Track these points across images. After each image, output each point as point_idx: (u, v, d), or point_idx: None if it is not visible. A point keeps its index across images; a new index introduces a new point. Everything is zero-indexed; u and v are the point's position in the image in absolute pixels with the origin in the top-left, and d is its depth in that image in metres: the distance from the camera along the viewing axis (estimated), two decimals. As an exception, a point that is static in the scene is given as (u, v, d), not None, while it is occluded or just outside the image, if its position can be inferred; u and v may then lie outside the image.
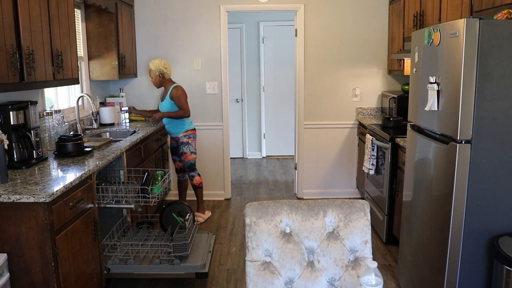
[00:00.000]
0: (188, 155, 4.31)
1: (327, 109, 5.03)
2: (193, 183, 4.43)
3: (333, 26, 4.89)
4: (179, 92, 4.23)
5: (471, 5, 2.88)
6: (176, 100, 4.22)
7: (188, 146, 4.30)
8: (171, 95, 4.21)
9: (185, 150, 4.30)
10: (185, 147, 4.30)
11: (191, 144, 4.32)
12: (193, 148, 4.33)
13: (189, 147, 4.31)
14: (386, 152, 3.76)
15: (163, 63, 4.22)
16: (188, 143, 4.30)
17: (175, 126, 4.30)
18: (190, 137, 4.32)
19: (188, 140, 4.30)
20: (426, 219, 2.64)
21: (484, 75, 2.16)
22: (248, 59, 7.17)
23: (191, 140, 4.33)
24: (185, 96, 4.25)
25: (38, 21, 2.72)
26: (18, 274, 2.21)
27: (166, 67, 4.24)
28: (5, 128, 2.66)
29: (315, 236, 1.72)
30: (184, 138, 4.29)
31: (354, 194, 5.13)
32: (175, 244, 3.00)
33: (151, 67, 4.24)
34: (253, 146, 7.47)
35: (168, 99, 4.22)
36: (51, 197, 2.16)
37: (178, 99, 4.22)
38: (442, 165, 2.41)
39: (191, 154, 4.33)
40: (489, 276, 2.31)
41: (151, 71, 4.24)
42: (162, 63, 4.22)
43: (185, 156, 4.32)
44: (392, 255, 3.65)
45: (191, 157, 4.34)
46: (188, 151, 4.30)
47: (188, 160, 4.33)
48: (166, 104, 4.26)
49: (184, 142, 4.29)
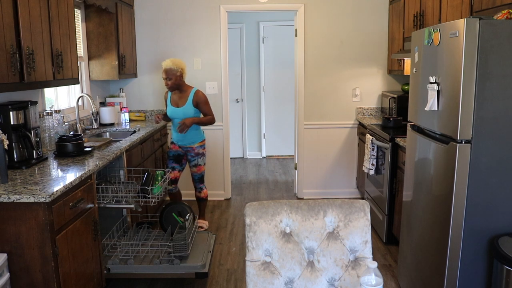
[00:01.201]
0: (202, 166, 4.08)
1: (327, 109, 5.03)
2: (201, 196, 4.18)
3: (333, 26, 4.89)
4: (204, 97, 3.92)
5: (471, 5, 2.88)
6: (203, 105, 3.90)
7: (203, 157, 4.06)
8: (195, 100, 3.87)
9: (199, 161, 4.04)
10: (200, 158, 4.04)
11: (205, 155, 4.11)
12: (205, 159, 4.15)
13: (204, 158, 4.08)
14: (386, 152, 3.76)
15: (182, 63, 3.87)
16: (203, 154, 4.07)
17: (194, 135, 3.98)
18: (204, 148, 4.09)
19: (203, 151, 4.07)
20: (426, 219, 2.64)
21: (484, 75, 2.16)
22: (248, 59, 7.17)
23: (205, 151, 4.11)
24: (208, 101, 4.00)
25: (38, 21, 2.72)
26: (18, 274, 2.21)
27: (185, 67, 3.91)
28: (5, 128, 2.66)
29: (315, 236, 1.72)
30: (200, 149, 4.03)
31: (354, 194, 5.13)
32: (175, 244, 3.00)
33: (170, 65, 3.79)
34: (253, 146, 7.47)
35: (191, 104, 3.88)
36: (51, 197, 2.16)
37: (204, 104, 3.91)
38: (442, 165, 2.41)
39: (204, 165, 4.12)
40: (489, 276, 2.31)
41: (170, 70, 3.79)
42: (183, 62, 3.88)
43: (198, 168, 4.06)
44: (392, 255, 3.65)
45: (204, 168, 4.12)
46: (202, 163, 4.07)
47: (201, 172, 4.09)
48: (187, 110, 3.89)
49: (200, 153, 4.03)
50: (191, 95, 3.87)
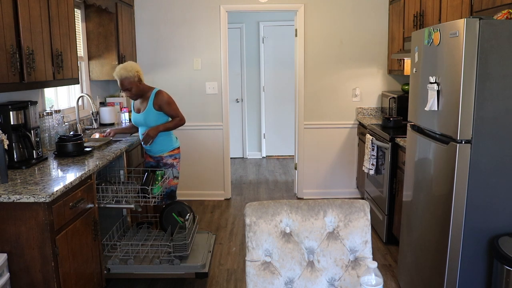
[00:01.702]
0: (170, 180, 3.47)
1: (327, 109, 5.03)
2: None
3: (333, 26, 4.89)
4: (167, 97, 3.40)
5: (471, 5, 2.88)
6: (166, 107, 3.37)
7: (172, 169, 3.47)
8: (156, 103, 3.36)
9: (168, 174, 3.41)
10: (169, 170, 3.45)
11: (175, 166, 3.50)
12: (176, 172, 3.51)
13: (173, 171, 3.48)
14: (386, 152, 3.76)
15: (134, 64, 3.35)
16: (172, 165, 3.48)
17: (162, 143, 3.46)
18: (175, 158, 3.51)
19: (173, 162, 3.49)
20: (426, 219, 2.64)
21: (484, 75, 2.16)
22: (248, 59, 7.17)
23: (176, 161, 3.51)
24: (173, 100, 3.46)
25: (38, 21, 2.72)
26: (18, 274, 2.21)
27: (139, 69, 3.37)
28: (5, 128, 2.66)
29: (315, 236, 1.72)
30: (168, 159, 3.48)
31: (354, 194, 5.12)
32: (175, 244, 3.00)
33: (124, 74, 3.26)
34: (253, 146, 7.47)
35: (152, 108, 3.36)
36: (51, 197, 2.16)
37: (169, 106, 3.39)
38: (442, 165, 2.41)
39: (174, 179, 3.51)
40: (489, 276, 2.31)
41: (126, 79, 3.27)
42: (134, 65, 3.34)
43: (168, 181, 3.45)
44: (392, 255, 3.65)
45: (174, 182, 3.52)
46: (171, 175, 3.46)
47: (169, 186, 3.49)
48: (149, 115, 3.38)
49: (168, 163, 3.47)
50: (151, 98, 3.38)
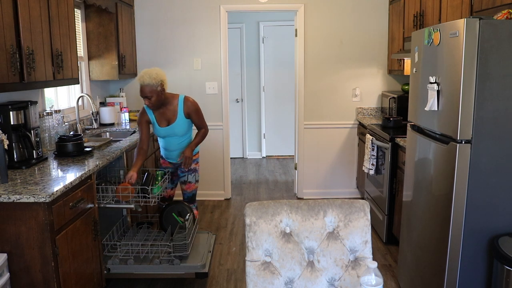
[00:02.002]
0: (193, 184, 3.51)
1: (327, 109, 5.03)
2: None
3: (333, 26, 4.89)
4: (196, 105, 3.28)
5: (471, 5, 2.88)
6: (195, 116, 3.27)
7: (194, 174, 3.48)
8: (186, 110, 3.23)
9: (190, 178, 3.46)
10: (191, 175, 3.46)
11: (197, 171, 3.52)
12: (198, 176, 3.54)
13: (195, 175, 3.50)
14: (386, 152, 3.76)
15: (160, 72, 3.12)
16: (195, 170, 3.49)
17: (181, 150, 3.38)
18: (197, 163, 3.51)
19: (196, 167, 3.49)
20: (426, 219, 2.64)
21: (484, 75, 2.16)
22: (248, 59, 7.17)
23: (198, 166, 3.53)
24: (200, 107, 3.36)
25: (38, 21, 2.72)
26: (18, 274, 2.21)
27: (165, 77, 3.16)
28: (5, 128, 2.66)
29: (315, 236, 1.72)
30: (192, 164, 3.46)
31: (354, 194, 5.12)
32: (175, 244, 3.00)
33: (147, 81, 3.03)
34: (253, 146, 7.47)
35: (183, 117, 3.24)
36: (51, 197, 2.16)
37: (197, 115, 3.29)
38: (442, 165, 2.41)
39: (196, 183, 3.53)
40: (489, 276, 2.31)
41: (148, 86, 3.04)
42: (159, 72, 3.11)
43: (188, 186, 3.49)
44: (392, 255, 3.65)
45: (195, 186, 3.54)
46: (193, 180, 3.49)
47: (191, 190, 3.53)
48: (181, 125, 3.27)
49: (191, 169, 3.46)
50: (180, 106, 3.23)
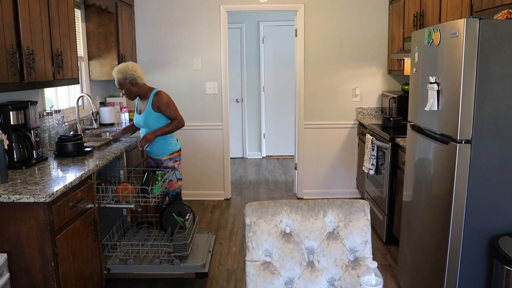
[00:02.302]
0: (174, 182, 3.45)
1: (327, 109, 5.03)
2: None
3: (333, 26, 4.89)
4: (166, 98, 3.33)
5: (471, 5, 2.88)
6: (165, 108, 3.31)
7: (174, 172, 3.43)
8: (154, 104, 3.30)
9: (170, 177, 3.41)
10: (171, 173, 3.42)
11: (177, 169, 3.45)
12: (179, 174, 3.47)
13: (176, 173, 3.44)
14: (386, 152, 3.76)
15: (131, 66, 3.30)
16: (174, 168, 3.42)
17: (160, 147, 3.38)
18: (176, 161, 3.44)
19: (174, 165, 3.42)
20: (426, 219, 2.64)
21: (484, 75, 2.16)
22: (248, 59, 7.17)
23: (178, 164, 3.45)
24: (173, 101, 3.39)
25: (38, 21, 2.72)
26: (18, 274, 2.21)
27: (136, 70, 3.29)
28: (5, 128, 2.66)
29: (315, 236, 1.72)
30: (169, 162, 3.41)
31: (354, 194, 5.12)
32: (175, 244, 3.00)
33: (117, 76, 3.29)
34: (253, 146, 7.47)
35: (151, 110, 3.31)
36: (51, 197, 2.16)
37: (167, 107, 3.32)
38: (442, 165, 2.41)
39: (178, 181, 3.47)
40: (489, 276, 2.31)
41: (117, 81, 3.30)
42: (130, 66, 3.29)
43: (170, 184, 3.44)
44: (392, 255, 3.65)
45: (178, 184, 3.48)
46: (174, 178, 3.44)
47: (173, 188, 3.47)
48: (148, 116, 3.32)
49: (169, 166, 3.41)
50: (150, 99, 3.33)
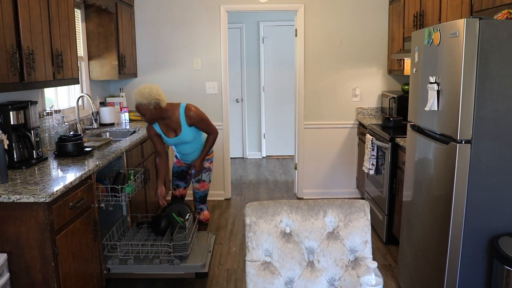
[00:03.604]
0: (206, 183, 3.53)
1: (327, 109, 5.03)
2: (200, 218, 3.60)
3: (333, 26, 4.89)
4: (197, 113, 3.25)
5: (471, 5, 2.88)
6: (198, 122, 3.25)
7: (209, 172, 3.50)
8: (189, 120, 3.22)
9: (204, 177, 3.49)
10: (205, 173, 3.48)
11: (211, 170, 3.54)
12: (211, 176, 3.56)
13: (209, 175, 3.51)
14: (386, 152, 3.76)
15: (155, 90, 3.08)
16: (209, 169, 3.50)
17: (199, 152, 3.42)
18: (211, 162, 3.52)
19: (210, 166, 3.50)
20: (426, 219, 2.64)
21: (484, 75, 2.16)
22: (248, 59, 7.17)
23: (212, 165, 3.54)
24: (203, 113, 3.32)
25: (38, 21, 2.72)
26: (18, 274, 2.21)
27: (160, 94, 3.09)
28: (5, 128, 2.66)
29: (315, 236, 1.72)
30: (206, 163, 3.47)
31: (354, 194, 5.12)
32: (175, 244, 3.00)
33: (140, 100, 3.05)
34: (253, 146, 7.47)
35: (187, 127, 3.24)
36: (51, 197, 2.16)
37: (201, 120, 3.26)
38: (442, 165, 2.41)
39: (209, 183, 3.56)
40: (489, 276, 2.31)
41: (140, 105, 3.07)
42: (154, 90, 3.07)
43: (202, 185, 3.50)
44: (392, 255, 3.65)
45: (208, 186, 3.57)
46: (207, 179, 3.52)
47: (204, 189, 3.54)
48: (187, 134, 3.27)
49: (205, 167, 3.47)
50: (182, 118, 3.22)
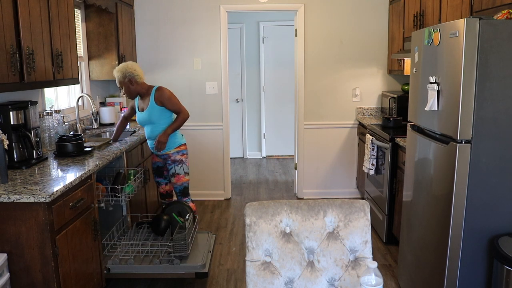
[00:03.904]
0: (181, 176, 3.49)
1: (327, 109, 5.03)
2: None
3: (333, 26, 4.89)
4: (167, 93, 3.43)
5: (471, 5, 2.88)
6: (167, 102, 3.40)
7: (181, 165, 3.48)
8: (157, 99, 3.40)
9: (178, 170, 3.47)
10: (178, 166, 3.47)
11: (185, 162, 3.50)
12: (186, 168, 3.52)
13: (183, 167, 3.49)
14: (386, 152, 3.76)
15: (130, 65, 3.41)
16: (181, 161, 3.48)
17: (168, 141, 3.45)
18: (183, 154, 3.51)
19: (182, 158, 3.49)
20: (426, 219, 2.64)
21: (484, 75, 2.16)
22: (248, 59, 7.17)
23: (185, 157, 3.51)
24: (174, 95, 3.48)
25: (38, 21, 2.72)
26: (18, 274, 2.21)
27: (135, 69, 3.39)
28: (5, 128, 2.66)
29: (315, 236, 1.72)
30: (176, 155, 3.47)
31: (354, 194, 5.12)
32: (175, 244, 3.00)
33: (116, 75, 3.41)
34: (253, 146, 7.47)
35: (154, 104, 3.40)
36: (51, 197, 2.16)
37: (169, 101, 3.41)
38: (442, 165, 2.41)
39: (185, 175, 3.51)
40: (489, 276, 2.31)
41: (117, 80, 3.41)
42: (129, 65, 3.40)
43: (177, 178, 3.49)
44: (392, 255, 3.65)
45: (185, 179, 3.52)
46: (181, 172, 3.48)
47: (181, 182, 3.51)
48: (153, 112, 3.41)
49: (177, 160, 3.47)
50: (152, 95, 3.42)
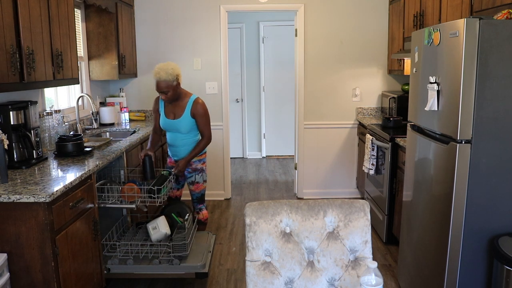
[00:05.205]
0: (200, 184, 3.50)
1: (327, 109, 5.03)
2: (199, 218, 3.56)
3: (333, 26, 4.89)
4: (204, 109, 3.28)
5: (471, 5, 2.88)
6: (199, 119, 3.27)
7: (202, 174, 3.47)
8: (193, 111, 3.25)
9: (198, 179, 3.46)
10: (199, 175, 3.46)
11: (204, 171, 3.50)
12: (206, 176, 3.53)
13: (203, 175, 3.49)
14: (386, 152, 3.76)
15: (174, 66, 3.17)
16: (202, 170, 3.47)
17: (187, 148, 3.38)
18: (204, 162, 3.49)
19: (203, 166, 3.48)
20: (426, 219, 2.64)
21: (484, 75, 2.16)
22: (248, 59, 7.17)
23: (205, 166, 3.52)
24: (208, 113, 3.35)
25: (38, 21, 2.72)
26: (18, 274, 2.21)
27: (179, 72, 3.20)
28: (5, 128, 2.66)
29: (315, 236, 1.72)
30: (198, 164, 3.44)
31: (354, 194, 5.12)
32: (174, 244, 3.00)
33: (163, 77, 3.10)
34: (253, 146, 7.47)
35: (189, 116, 3.26)
36: (51, 197, 2.16)
37: (202, 119, 3.27)
38: (442, 165, 2.41)
39: (204, 183, 3.52)
40: (489, 276, 2.31)
41: (164, 82, 3.12)
42: (176, 67, 3.17)
43: (196, 186, 3.48)
44: (392, 255, 3.65)
45: (203, 186, 3.53)
46: (201, 180, 3.48)
47: (199, 190, 3.52)
48: (184, 123, 3.27)
49: (198, 169, 3.44)
50: (188, 105, 3.26)
